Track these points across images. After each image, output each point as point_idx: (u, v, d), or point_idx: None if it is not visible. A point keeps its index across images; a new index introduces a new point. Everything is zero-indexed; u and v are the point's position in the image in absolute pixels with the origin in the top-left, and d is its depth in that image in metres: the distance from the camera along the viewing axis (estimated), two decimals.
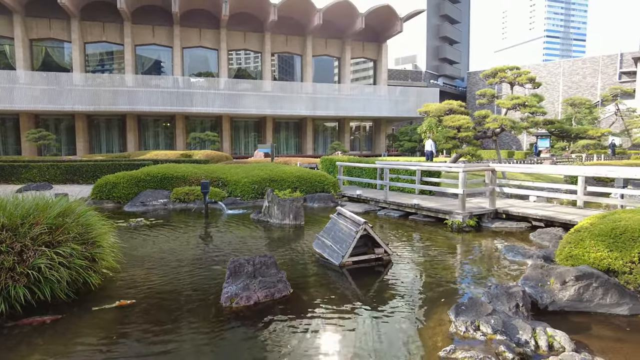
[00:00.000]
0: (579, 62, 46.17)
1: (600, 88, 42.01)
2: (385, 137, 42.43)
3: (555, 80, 46.19)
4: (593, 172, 8.64)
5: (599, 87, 42.48)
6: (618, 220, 5.24)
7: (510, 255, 6.75)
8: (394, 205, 11.39)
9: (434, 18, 61.69)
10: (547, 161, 18.39)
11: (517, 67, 14.78)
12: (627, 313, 4.62)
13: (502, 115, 14.39)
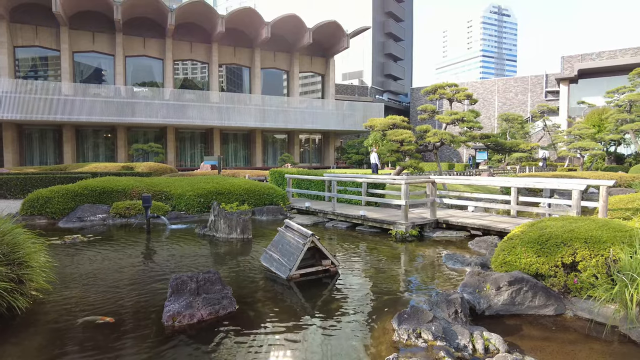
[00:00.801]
0: (511, 81, 49.69)
1: (530, 105, 45.44)
2: (334, 149, 43.09)
3: (491, 97, 49.34)
4: (523, 184, 9.32)
5: (529, 104, 45.94)
6: (544, 228, 5.67)
7: (450, 264, 7.08)
8: (342, 216, 11.58)
9: (379, 35, 63.97)
10: (484, 173, 19.57)
11: (455, 85, 15.72)
12: (552, 313, 4.99)
13: (442, 129, 15.19)
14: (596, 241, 5.03)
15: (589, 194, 15.16)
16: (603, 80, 37.37)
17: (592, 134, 28.37)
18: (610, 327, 4.45)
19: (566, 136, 31.41)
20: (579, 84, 40.46)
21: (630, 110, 26.69)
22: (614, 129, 27.27)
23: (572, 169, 28.70)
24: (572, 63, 40.43)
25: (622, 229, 5.20)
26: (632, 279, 4.36)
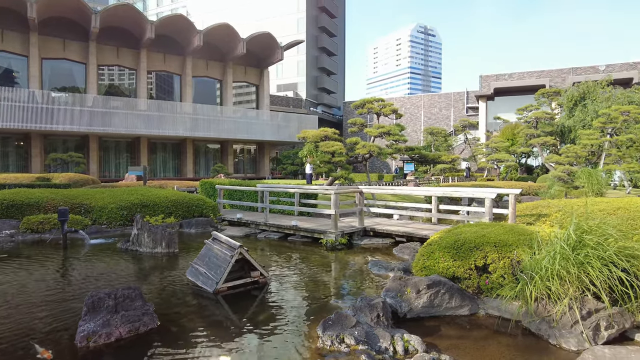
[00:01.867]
0: (435, 97, 53.01)
1: (453, 119, 48.70)
2: (269, 160, 42.93)
3: (418, 112, 52.19)
4: (441, 193, 9.98)
5: (452, 118, 49.22)
6: (459, 234, 6.11)
7: (375, 270, 7.36)
8: (274, 227, 11.56)
9: (313, 50, 65.27)
10: (411, 183, 20.63)
11: (382, 100, 16.53)
12: (467, 313, 5.37)
13: (371, 142, 15.84)
14: (504, 245, 5.51)
15: (504, 202, 16.55)
16: (515, 98, 41.12)
17: (506, 147, 31.03)
18: (514, 322, 4.88)
19: (485, 149, 34.06)
20: (495, 101, 44.15)
21: (536, 126, 29.64)
22: (524, 142, 30.07)
23: (490, 178, 31.12)
24: (489, 82, 44.07)
25: (525, 232, 5.75)
26: (531, 278, 4.84)
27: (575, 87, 31.64)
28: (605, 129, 23.93)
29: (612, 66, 39.66)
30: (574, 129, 29.26)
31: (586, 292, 4.63)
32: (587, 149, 22.87)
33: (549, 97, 32.31)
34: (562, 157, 22.35)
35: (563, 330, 4.50)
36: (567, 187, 16.94)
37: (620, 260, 4.54)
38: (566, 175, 17.56)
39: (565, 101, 31.49)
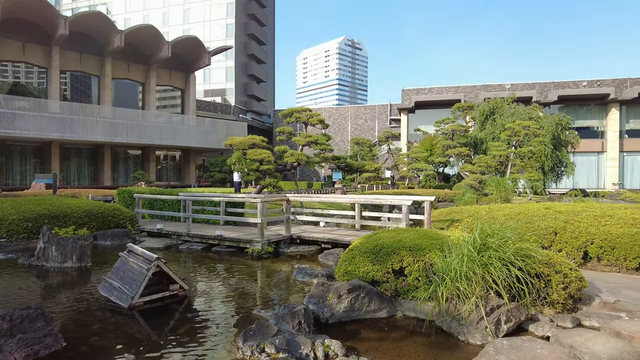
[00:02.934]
0: (361, 108, 55.02)
1: (377, 130, 50.79)
2: (195, 167, 41.50)
3: (345, 122, 53.75)
4: (364, 200, 10.37)
5: (376, 129, 51.33)
6: (379, 239, 6.37)
7: (300, 277, 7.43)
8: (197, 237, 11.19)
9: (243, 56, 64.63)
10: (338, 191, 21.13)
11: (310, 110, 16.85)
12: (386, 315, 5.60)
13: (299, 151, 16.02)
14: (418, 249, 5.84)
15: (422, 208, 17.55)
16: (434, 112, 43.96)
17: (425, 157, 33.01)
18: (428, 321, 5.19)
19: (406, 158, 35.91)
20: (416, 113, 46.84)
21: (452, 138, 31.93)
22: (441, 153, 32.21)
23: (411, 186, 32.83)
24: (410, 95, 46.67)
25: (437, 237, 6.15)
26: (443, 279, 5.19)
27: (486, 103, 34.63)
28: (511, 141, 26.44)
29: (516, 85, 44.04)
30: (485, 141, 31.94)
31: (490, 291, 5.07)
32: (497, 160, 25.09)
33: (464, 111, 35.00)
34: (475, 166, 24.30)
35: (470, 326, 4.87)
36: (479, 194, 18.44)
37: (517, 260, 5.04)
38: (477, 184, 19.10)
39: (477, 115, 34.30)
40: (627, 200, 22.03)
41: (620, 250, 7.26)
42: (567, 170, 30.85)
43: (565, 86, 42.84)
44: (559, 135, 30.57)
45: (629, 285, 6.48)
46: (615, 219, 7.83)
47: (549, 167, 29.80)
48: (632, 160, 41.82)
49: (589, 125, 42.83)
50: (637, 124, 42.10)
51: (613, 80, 41.86)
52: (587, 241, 7.55)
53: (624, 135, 41.91)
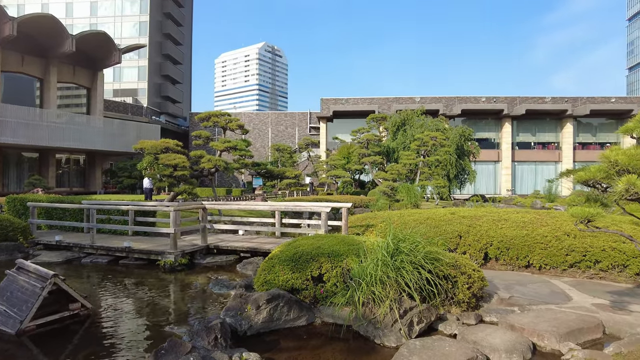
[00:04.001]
0: (282, 115, 55.15)
1: (297, 137, 51.24)
2: (101, 172, 38.30)
3: (266, 128, 53.45)
4: (284, 207, 10.35)
5: (297, 136, 51.77)
6: (298, 246, 6.37)
7: (217, 289, 7.16)
8: (103, 250, 10.28)
9: (157, 56, 61.39)
10: (258, 198, 20.86)
11: (228, 114, 16.44)
12: (305, 323, 5.59)
13: (217, 156, 15.53)
14: (336, 255, 5.95)
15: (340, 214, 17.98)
16: (351, 121, 45.47)
17: (343, 164, 34.00)
18: (346, 326, 5.29)
19: (325, 165, 36.67)
20: (334, 122, 48.12)
21: (367, 147, 33.30)
22: (357, 160, 33.41)
23: (329, 192, 33.56)
24: (328, 105, 47.83)
25: (354, 242, 6.32)
26: (359, 284, 5.33)
27: (398, 114, 36.69)
28: (420, 150, 28.29)
29: (424, 98, 47.32)
30: (397, 150, 33.79)
31: (403, 294, 5.31)
32: (407, 168, 26.65)
33: (378, 121, 36.70)
34: (387, 174, 25.56)
35: (385, 329, 5.05)
36: (391, 200, 19.41)
37: (427, 263, 5.35)
38: (390, 190, 20.10)
39: (390, 126, 36.19)
40: (518, 205, 24.71)
41: (513, 251, 8.08)
42: (469, 177, 33.74)
43: (467, 101, 46.97)
44: (462, 145, 33.36)
45: (520, 281, 7.23)
46: (510, 222, 8.71)
47: (453, 175, 32.34)
48: (521, 169, 47.10)
49: (487, 137, 47.41)
50: (525, 137, 47.57)
51: (506, 98, 46.87)
52: (487, 243, 8.29)
53: (515, 147, 47.06)
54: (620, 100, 46.00)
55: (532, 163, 46.80)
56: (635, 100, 46.92)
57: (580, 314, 5.53)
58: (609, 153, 3.68)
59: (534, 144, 47.52)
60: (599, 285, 7.16)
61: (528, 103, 45.57)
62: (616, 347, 4.61)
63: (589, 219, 3.97)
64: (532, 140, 47.53)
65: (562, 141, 46.20)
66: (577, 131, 46.17)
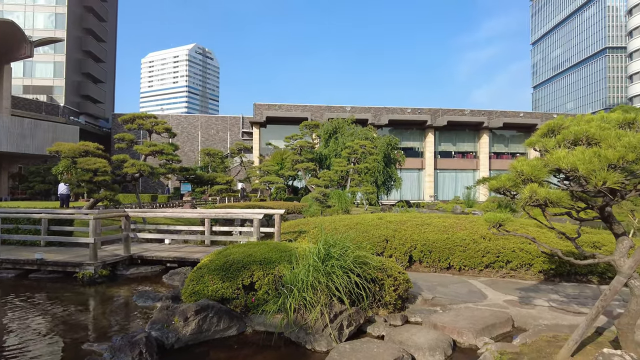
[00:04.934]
0: (213, 119, 53.81)
1: (229, 142, 50.28)
2: (8, 176, 34.56)
3: (195, 132, 51.78)
4: (214, 214, 10.09)
5: (228, 141, 50.78)
6: (229, 255, 6.26)
7: (141, 302, 6.79)
8: (9, 263, 9.27)
9: (76, 52, 56.99)
10: (187, 204, 20.06)
11: (155, 117, 15.66)
12: (236, 333, 5.50)
13: (142, 160, 14.70)
14: (268, 262, 5.93)
15: (273, 220, 17.88)
16: (284, 127, 45.62)
17: (276, 170, 33.92)
18: (278, 334, 5.28)
19: (258, 171, 36.33)
20: (267, 128, 47.91)
21: (300, 153, 33.58)
22: (291, 167, 33.54)
23: (262, 199, 33.27)
24: (262, 110, 47.56)
25: (286, 249, 6.34)
26: (291, 290, 5.37)
27: (330, 122, 37.47)
28: (351, 158, 29.11)
29: (355, 108, 48.84)
30: (329, 157, 34.47)
31: (333, 298, 5.43)
32: (339, 174, 27.26)
33: (311, 128, 37.20)
34: (320, 180, 25.95)
35: (316, 334, 5.13)
36: (323, 206, 19.73)
37: (356, 267, 5.53)
38: (322, 196, 20.43)
39: (322, 133, 36.84)
40: (440, 210, 26.32)
41: (435, 254, 8.59)
42: (396, 184, 35.31)
43: (394, 112, 49.24)
44: (389, 153, 34.85)
45: (442, 282, 7.71)
46: (432, 226, 9.26)
47: (381, 182, 33.66)
48: (443, 177, 50.24)
49: (412, 146, 50.00)
50: (446, 146, 50.88)
51: (430, 109, 49.85)
52: (411, 247, 8.74)
53: (437, 156, 50.13)
54: (527, 115, 50.96)
55: (452, 171, 50.11)
56: (539, 115, 52.24)
57: (493, 311, 6.03)
58: (516, 164, 4.08)
59: (455, 153, 50.98)
60: (510, 284, 7.86)
61: (449, 115, 48.84)
62: (522, 339, 5.10)
63: (500, 223, 4.37)
64: (452, 150, 50.94)
65: (480, 151, 50.04)
66: (492, 142, 50.29)
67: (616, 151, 3.18)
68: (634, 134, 3.49)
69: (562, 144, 3.77)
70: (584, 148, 3.50)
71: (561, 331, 5.26)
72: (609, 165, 3.28)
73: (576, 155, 3.36)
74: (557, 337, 5.06)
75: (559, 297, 6.96)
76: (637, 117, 3.72)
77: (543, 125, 4.34)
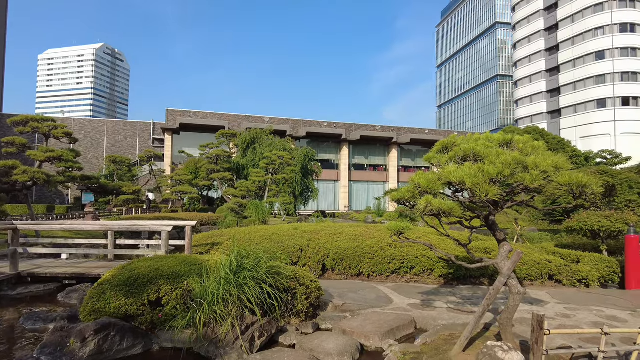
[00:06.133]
0: (121, 124, 50.30)
1: (139, 149, 47.32)
2: None
3: (101, 137, 47.97)
4: (118, 227, 9.44)
5: (137, 148, 47.77)
6: (134, 269, 5.92)
7: (30, 324, 6.10)
8: None
9: None
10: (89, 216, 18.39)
11: (53, 120, 14.16)
12: (141, 351, 5.20)
13: (36, 167, 13.19)
14: (177, 276, 5.71)
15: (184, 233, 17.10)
16: (199, 135, 44.18)
17: (190, 179, 32.61)
18: (186, 350, 5.10)
19: (170, 181, 34.62)
20: (180, 135, 45.97)
21: (217, 163, 32.74)
22: (206, 176, 32.50)
23: (174, 210, 31.72)
24: (175, 116, 45.59)
25: (197, 262, 6.17)
26: (200, 304, 5.23)
27: (248, 132, 37.13)
28: (268, 169, 29.09)
29: (273, 119, 49.02)
30: (247, 167, 34.07)
31: (245, 310, 5.39)
32: (256, 185, 27.06)
33: (228, 138, 36.51)
34: (237, 190, 25.52)
35: (227, 347, 5.05)
36: (239, 217, 19.41)
37: (269, 278, 5.57)
38: (238, 207, 20.11)
39: (240, 143, 36.34)
40: (353, 219, 27.34)
41: (347, 261, 8.94)
42: (313, 195, 35.96)
43: (312, 124, 50.31)
44: (307, 165, 35.46)
45: (352, 289, 8.03)
46: (344, 235, 9.63)
47: (299, 192, 34.07)
48: (356, 188, 52.30)
49: (328, 158, 51.40)
50: (360, 159, 53.15)
51: (345, 124, 51.78)
52: (324, 255, 8.99)
53: (352, 168, 52.13)
54: (432, 132, 55.24)
55: (365, 182, 52.41)
56: (442, 132, 56.92)
57: (398, 314, 6.43)
58: (415, 177, 4.46)
59: (367, 166, 53.44)
60: (414, 288, 8.44)
61: (362, 130, 51.18)
62: (423, 339, 5.52)
63: (401, 232, 4.72)
64: (365, 163, 53.37)
65: (389, 164, 53.04)
66: (400, 156, 53.61)
67: (496, 167, 3.64)
68: (510, 152, 4.02)
69: (454, 160, 4.21)
70: (471, 164, 3.95)
71: (457, 330, 5.79)
72: (490, 180, 3.74)
73: (464, 170, 3.78)
74: (453, 335, 5.56)
75: (456, 299, 7.64)
76: (513, 138, 4.30)
77: (438, 143, 4.80)
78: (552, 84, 67.15)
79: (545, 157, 3.88)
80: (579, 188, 3.71)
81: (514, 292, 4.72)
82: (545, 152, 4.16)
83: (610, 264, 9.40)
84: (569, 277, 9.10)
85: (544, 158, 3.74)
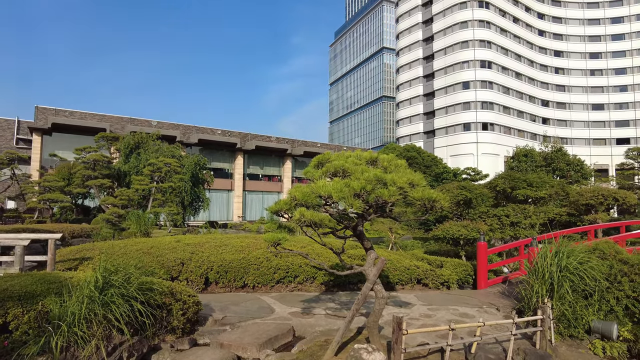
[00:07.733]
0: None
1: None
2: None
3: None
4: None
5: None
6: None
7: None
8: None
9: None
10: None
11: None
12: None
13: None
14: (30, 296, 5.08)
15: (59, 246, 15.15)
16: (75, 137, 39.77)
17: (62, 186, 29.07)
18: None
19: (37, 187, 30.47)
20: (53, 136, 40.89)
21: (94, 168, 29.77)
22: (81, 183, 29.29)
23: (41, 220, 27.94)
24: (47, 115, 40.47)
25: (57, 280, 5.56)
26: (58, 327, 4.73)
27: (132, 136, 34.47)
28: (154, 176, 27.33)
29: (162, 123, 46.38)
30: (130, 174, 31.53)
31: (112, 329, 5.02)
32: (139, 193, 25.21)
33: (109, 141, 33.53)
34: (117, 199, 23.46)
35: None
36: (116, 229, 17.89)
37: (140, 294, 5.26)
38: (115, 218, 18.54)
39: (122, 147, 33.56)
40: (246, 230, 27.04)
41: (231, 273, 8.83)
42: (204, 205, 34.69)
43: (205, 131, 48.73)
44: (197, 173, 34.12)
45: (235, 301, 7.97)
46: (230, 247, 9.51)
47: (188, 202, 32.57)
48: (251, 198, 51.92)
49: (222, 167, 50.22)
50: (255, 169, 52.97)
51: (240, 133, 51.20)
52: (208, 268, 8.76)
53: (246, 178, 51.64)
54: (324, 146, 57.51)
55: (259, 192, 52.33)
56: (333, 147, 59.63)
57: (278, 324, 6.56)
58: (292, 190, 4.66)
59: (262, 176, 53.49)
60: (297, 296, 8.67)
61: (257, 140, 51.18)
62: (299, 346, 5.71)
63: (278, 242, 4.87)
64: (260, 173, 53.36)
65: (284, 175, 53.77)
66: (294, 167, 54.70)
67: (360, 183, 4.00)
68: (374, 169, 4.45)
69: (326, 175, 4.50)
70: (340, 179, 4.28)
71: (332, 335, 6.10)
72: (355, 194, 4.08)
73: (333, 185, 4.08)
74: (328, 341, 5.85)
75: (334, 305, 8.05)
76: (378, 156, 4.75)
77: (315, 158, 5.09)
78: (428, 107, 74.97)
79: (404, 174, 4.36)
80: (430, 202, 4.25)
81: (379, 297, 5.17)
82: (405, 169, 4.68)
83: (466, 268, 10.78)
84: (434, 281, 10.20)
85: (402, 175, 4.21)
